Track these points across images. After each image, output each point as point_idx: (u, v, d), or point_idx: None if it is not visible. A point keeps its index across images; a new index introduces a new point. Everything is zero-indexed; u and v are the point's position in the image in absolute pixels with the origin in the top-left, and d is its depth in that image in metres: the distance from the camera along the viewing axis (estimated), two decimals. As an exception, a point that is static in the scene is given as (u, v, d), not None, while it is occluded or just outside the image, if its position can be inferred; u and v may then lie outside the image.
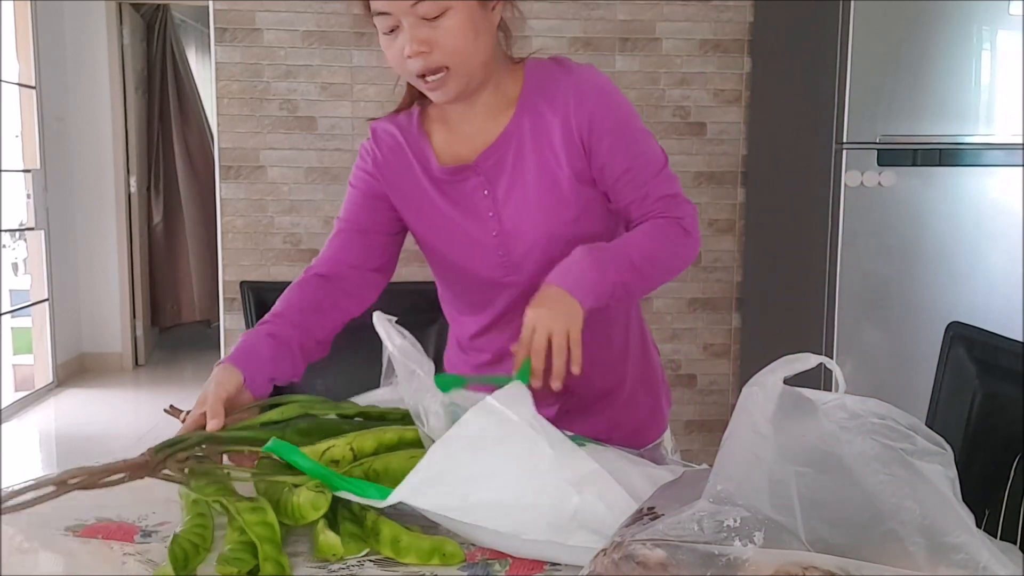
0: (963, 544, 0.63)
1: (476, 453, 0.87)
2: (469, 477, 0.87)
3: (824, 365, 0.72)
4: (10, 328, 4.83)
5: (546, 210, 1.18)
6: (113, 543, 0.93)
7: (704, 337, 3.31)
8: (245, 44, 3.08)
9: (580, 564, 0.89)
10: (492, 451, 0.87)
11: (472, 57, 1.11)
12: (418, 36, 1.09)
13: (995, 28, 2.49)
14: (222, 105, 3.10)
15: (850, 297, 2.58)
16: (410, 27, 1.10)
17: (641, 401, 1.33)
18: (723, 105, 3.22)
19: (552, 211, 1.18)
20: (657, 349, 1.40)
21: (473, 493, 0.86)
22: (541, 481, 0.86)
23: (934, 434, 0.69)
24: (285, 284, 1.29)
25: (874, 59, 2.48)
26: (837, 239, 2.56)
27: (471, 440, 0.87)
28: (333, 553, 0.88)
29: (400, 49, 1.12)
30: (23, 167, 4.67)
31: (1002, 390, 1.14)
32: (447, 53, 1.10)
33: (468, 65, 1.12)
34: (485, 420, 0.88)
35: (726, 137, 3.23)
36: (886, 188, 2.52)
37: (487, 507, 0.86)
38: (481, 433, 0.88)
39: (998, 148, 2.53)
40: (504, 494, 0.86)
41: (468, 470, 0.87)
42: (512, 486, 0.86)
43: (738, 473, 0.70)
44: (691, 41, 3.17)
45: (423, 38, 1.09)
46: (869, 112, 2.49)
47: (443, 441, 0.88)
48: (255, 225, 3.15)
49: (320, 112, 3.13)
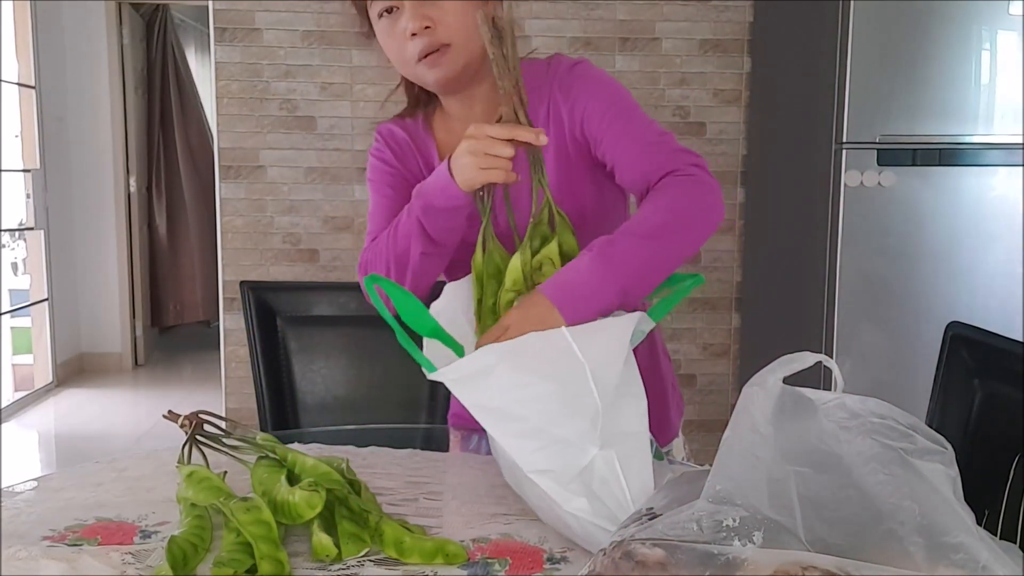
0: (963, 544, 0.63)
1: (526, 371, 0.89)
2: (511, 384, 0.88)
3: (823, 364, 0.72)
4: (10, 328, 4.83)
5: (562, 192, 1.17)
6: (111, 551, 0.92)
7: (704, 337, 3.31)
8: (245, 44, 3.08)
9: (568, 544, 0.90)
10: (542, 366, 0.89)
11: (474, 35, 1.11)
12: (420, 12, 1.11)
13: (995, 28, 2.49)
14: (222, 105, 3.11)
15: (850, 297, 2.58)
16: (412, 7, 1.11)
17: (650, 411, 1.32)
18: (723, 105, 3.22)
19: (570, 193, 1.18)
20: (669, 358, 1.38)
21: (508, 403, 0.88)
22: (576, 420, 0.87)
23: (935, 433, 0.69)
24: (285, 284, 1.29)
25: (874, 59, 2.48)
26: (837, 239, 2.56)
27: (527, 356, 0.89)
28: (327, 554, 0.88)
29: (401, 32, 1.13)
30: (23, 167, 4.67)
31: (1002, 390, 1.14)
32: (450, 30, 1.11)
33: (469, 43, 1.13)
34: (548, 346, 0.90)
35: (726, 137, 3.23)
36: (886, 188, 2.52)
37: (513, 419, 0.88)
38: (539, 354, 0.89)
39: (998, 148, 2.53)
40: (534, 418, 0.87)
41: (513, 379, 0.88)
42: (547, 412, 0.87)
43: (737, 473, 0.70)
44: (691, 41, 3.17)
45: (425, 14, 1.11)
46: (869, 112, 2.49)
47: (503, 347, 0.90)
48: (255, 225, 3.15)
49: (320, 112, 3.13)
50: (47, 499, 1.04)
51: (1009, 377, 1.12)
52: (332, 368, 1.67)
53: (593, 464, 0.86)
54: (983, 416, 1.17)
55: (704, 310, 3.30)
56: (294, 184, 3.15)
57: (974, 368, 1.19)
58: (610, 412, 0.87)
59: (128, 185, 5.29)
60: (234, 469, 1.05)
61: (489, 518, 0.99)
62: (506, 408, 0.88)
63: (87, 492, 1.06)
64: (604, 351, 0.90)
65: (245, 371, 3.11)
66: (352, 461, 1.04)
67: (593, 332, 0.92)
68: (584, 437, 0.86)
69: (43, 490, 1.08)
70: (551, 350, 0.90)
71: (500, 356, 0.90)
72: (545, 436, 0.88)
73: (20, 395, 4.58)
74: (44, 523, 0.96)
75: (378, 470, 1.14)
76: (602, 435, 0.86)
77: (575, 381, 0.88)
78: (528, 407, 0.88)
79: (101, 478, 1.11)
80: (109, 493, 1.05)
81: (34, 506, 1.02)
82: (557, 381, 0.88)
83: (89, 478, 1.11)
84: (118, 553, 0.89)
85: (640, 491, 0.86)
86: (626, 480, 0.86)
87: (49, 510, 1.00)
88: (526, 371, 0.89)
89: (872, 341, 2.60)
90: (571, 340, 0.89)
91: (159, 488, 1.06)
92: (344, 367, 1.67)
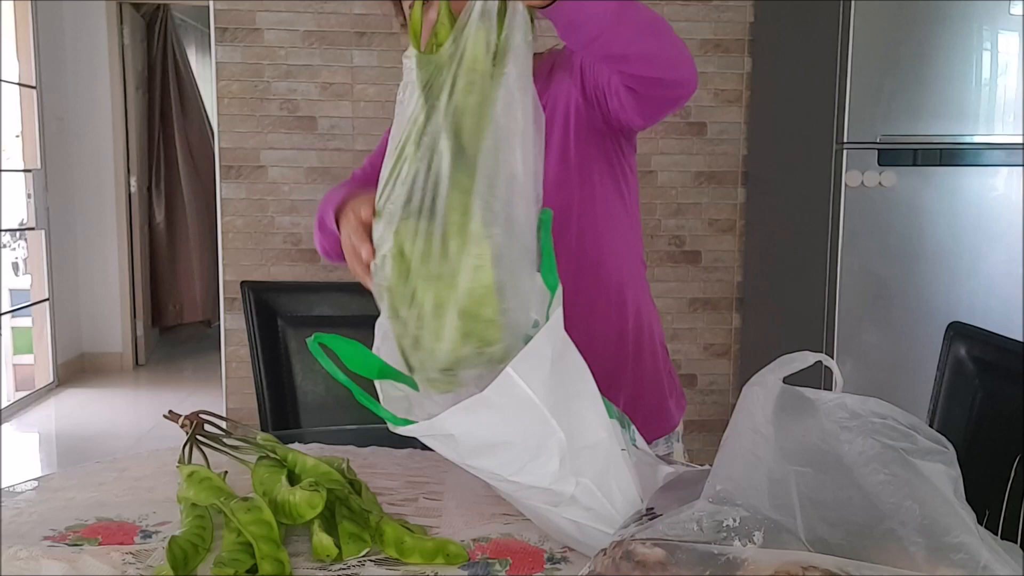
0: (963, 544, 0.63)
1: (487, 426, 0.84)
2: (476, 447, 0.84)
3: (823, 364, 0.72)
4: (10, 328, 4.83)
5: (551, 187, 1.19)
6: (112, 550, 0.92)
7: (704, 337, 3.31)
8: (245, 44, 3.08)
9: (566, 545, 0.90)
10: (503, 426, 0.84)
11: None
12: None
13: (995, 28, 2.49)
14: (222, 105, 3.11)
15: (850, 297, 2.58)
16: None
17: (645, 401, 1.32)
18: (724, 105, 3.22)
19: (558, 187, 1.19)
20: (666, 348, 1.39)
21: (476, 460, 0.85)
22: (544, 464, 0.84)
23: (935, 433, 0.69)
24: (286, 284, 1.30)
25: (874, 59, 2.48)
26: (837, 239, 2.56)
27: (486, 412, 0.83)
28: (327, 554, 0.88)
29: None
30: (23, 167, 4.67)
31: (1002, 390, 1.14)
32: None
33: None
34: (503, 396, 0.83)
35: (727, 137, 3.23)
36: (886, 188, 2.52)
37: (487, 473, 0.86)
38: (496, 406, 0.83)
39: (998, 148, 2.53)
40: (505, 470, 0.84)
41: (477, 437, 0.84)
42: (514, 464, 0.84)
43: (738, 473, 0.70)
44: (691, 41, 3.17)
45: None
46: (869, 112, 2.49)
47: (459, 407, 0.84)
48: (255, 225, 3.16)
49: (320, 112, 3.13)
50: (48, 499, 1.04)
51: (1010, 377, 1.12)
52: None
53: (575, 496, 0.85)
54: (984, 416, 1.17)
55: (704, 310, 3.30)
56: (295, 184, 3.15)
57: (975, 368, 1.19)
58: (569, 430, 0.84)
59: (129, 185, 5.29)
60: (235, 469, 1.05)
61: (489, 518, 0.99)
62: (478, 465, 0.86)
63: (88, 492, 1.06)
64: (544, 373, 0.84)
65: (246, 371, 3.11)
66: (352, 461, 1.04)
67: (533, 359, 0.84)
68: (558, 483, 0.84)
69: (44, 490, 1.08)
70: (506, 400, 0.83)
71: (456, 420, 0.83)
72: (520, 485, 0.86)
73: (21, 395, 4.58)
74: (45, 523, 0.96)
75: (378, 470, 1.14)
76: (572, 465, 0.84)
77: (535, 426, 0.83)
78: (497, 464, 0.85)
79: (102, 478, 1.11)
80: (110, 493, 1.05)
81: (35, 506, 1.02)
82: (518, 436, 0.84)
83: (90, 478, 1.11)
84: (119, 553, 0.89)
85: (626, 502, 0.85)
86: (610, 501, 0.85)
87: (50, 510, 1.00)
88: (486, 436, 0.84)
89: (873, 341, 2.59)
90: (519, 380, 0.82)
91: (160, 488, 1.06)
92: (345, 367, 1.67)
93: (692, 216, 3.26)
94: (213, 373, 4.43)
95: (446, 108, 0.88)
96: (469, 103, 0.88)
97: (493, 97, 0.88)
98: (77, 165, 5.10)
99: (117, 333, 5.25)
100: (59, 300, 4.89)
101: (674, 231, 3.26)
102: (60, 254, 4.91)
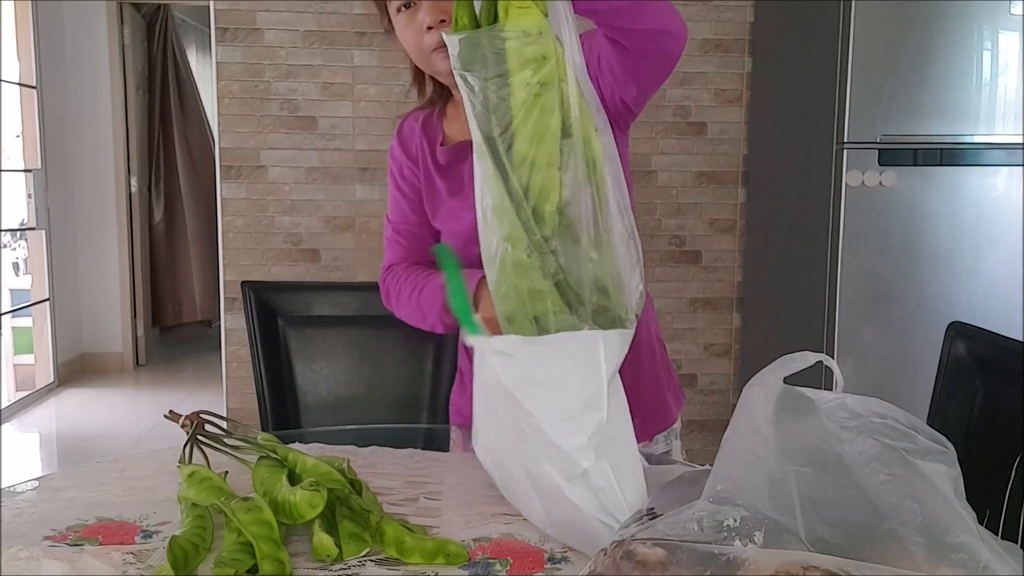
0: (964, 544, 0.63)
1: (551, 367, 0.91)
2: (530, 378, 0.91)
3: (824, 364, 0.72)
4: (11, 328, 4.83)
5: None
6: (112, 550, 0.92)
7: (704, 337, 3.31)
8: (246, 44, 3.08)
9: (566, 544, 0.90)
10: (563, 374, 0.90)
11: None
12: (437, 7, 1.16)
13: (995, 28, 2.49)
14: (223, 105, 3.11)
15: (850, 297, 2.58)
16: (429, 4, 1.16)
17: (643, 393, 1.32)
18: (724, 105, 3.22)
19: None
20: (663, 344, 1.40)
21: (524, 391, 0.91)
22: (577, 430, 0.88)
23: (936, 433, 0.69)
24: (286, 284, 1.30)
25: (874, 59, 2.48)
26: (838, 239, 2.56)
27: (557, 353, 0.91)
28: (328, 554, 0.88)
29: (418, 25, 1.18)
30: (24, 167, 4.67)
31: (1002, 390, 1.14)
32: None
33: None
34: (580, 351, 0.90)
35: (727, 137, 3.23)
36: (887, 188, 2.52)
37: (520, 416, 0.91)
38: (568, 355, 0.90)
39: (998, 148, 2.53)
40: (543, 414, 0.90)
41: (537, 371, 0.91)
42: (554, 412, 0.89)
43: (738, 473, 0.70)
44: (691, 41, 3.17)
45: (442, 8, 1.16)
46: (869, 112, 2.49)
47: (539, 339, 0.92)
48: (256, 225, 3.16)
49: (321, 112, 3.13)
50: (48, 499, 1.04)
51: (1010, 377, 1.12)
52: (333, 368, 1.67)
53: (588, 474, 0.87)
54: (984, 416, 1.17)
55: (705, 310, 3.30)
56: (295, 184, 3.15)
57: (975, 368, 1.19)
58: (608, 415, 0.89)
59: (129, 185, 5.29)
60: (235, 469, 1.05)
61: (489, 518, 0.99)
62: (522, 397, 0.91)
63: (88, 492, 1.06)
64: (617, 358, 0.91)
65: (246, 371, 3.11)
66: (353, 461, 1.04)
67: (618, 342, 0.92)
68: (580, 452, 0.87)
69: (44, 490, 1.08)
70: (580, 357, 0.90)
71: (528, 346, 0.92)
72: (546, 440, 0.89)
73: (21, 395, 4.58)
74: (45, 523, 0.96)
75: (379, 470, 1.14)
76: (597, 444, 0.87)
77: (587, 394, 0.88)
78: (539, 405, 0.90)
79: (102, 478, 1.11)
80: (110, 493, 1.05)
81: (35, 506, 1.02)
82: (571, 392, 0.89)
83: (90, 478, 1.11)
84: (119, 553, 0.90)
85: (635, 496, 0.87)
86: (620, 488, 0.86)
87: (50, 510, 1.00)
88: (545, 374, 0.91)
89: (873, 341, 2.59)
90: (601, 348, 0.89)
91: (160, 488, 1.06)
92: (345, 367, 1.67)
93: (692, 216, 3.26)
94: (213, 373, 4.43)
95: None
96: None
97: None
98: (77, 165, 5.10)
99: (117, 333, 5.25)
100: (59, 300, 4.89)
101: (674, 231, 3.26)
102: (60, 254, 4.91)
